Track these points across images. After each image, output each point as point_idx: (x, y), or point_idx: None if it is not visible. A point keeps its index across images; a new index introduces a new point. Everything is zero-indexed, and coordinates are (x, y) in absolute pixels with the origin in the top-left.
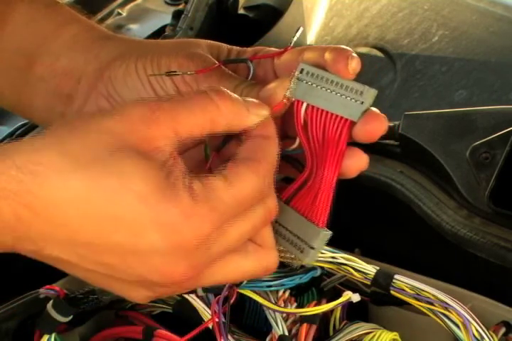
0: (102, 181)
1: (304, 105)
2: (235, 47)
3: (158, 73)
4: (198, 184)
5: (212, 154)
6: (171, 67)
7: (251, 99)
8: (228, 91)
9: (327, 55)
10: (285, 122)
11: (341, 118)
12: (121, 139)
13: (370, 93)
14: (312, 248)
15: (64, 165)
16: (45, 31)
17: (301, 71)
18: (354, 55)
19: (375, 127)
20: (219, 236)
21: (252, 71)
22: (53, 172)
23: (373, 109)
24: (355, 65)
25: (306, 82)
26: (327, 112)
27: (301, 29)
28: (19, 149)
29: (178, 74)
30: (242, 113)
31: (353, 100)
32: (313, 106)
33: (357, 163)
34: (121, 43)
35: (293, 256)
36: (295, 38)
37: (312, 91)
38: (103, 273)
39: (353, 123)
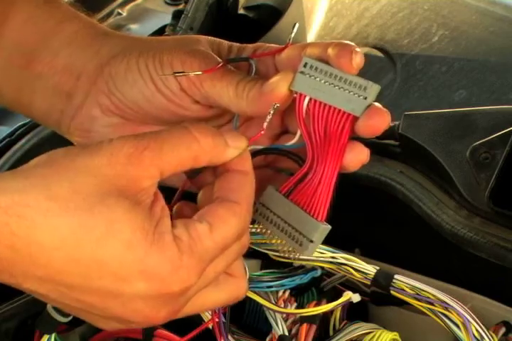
0: (90, 227)
1: (307, 99)
2: (235, 43)
3: (166, 73)
4: (185, 234)
5: (184, 182)
6: (173, 63)
7: (229, 133)
8: (208, 127)
9: (330, 50)
10: (285, 117)
11: (344, 112)
12: (109, 182)
13: (374, 88)
14: (311, 241)
15: (52, 209)
16: (44, 28)
17: (305, 65)
18: (358, 49)
19: (378, 122)
20: (200, 280)
21: (253, 69)
22: (40, 216)
23: (376, 104)
24: (359, 60)
25: (310, 76)
26: (330, 106)
27: (297, 25)
28: (4, 189)
29: (185, 75)
30: (222, 148)
31: (356, 95)
32: (315, 100)
33: (358, 156)
34: (123, 40)
35: (290, 249)
36: (293, 34)
37: (315, 85)
38: (80, 309)
39: (355, 118)
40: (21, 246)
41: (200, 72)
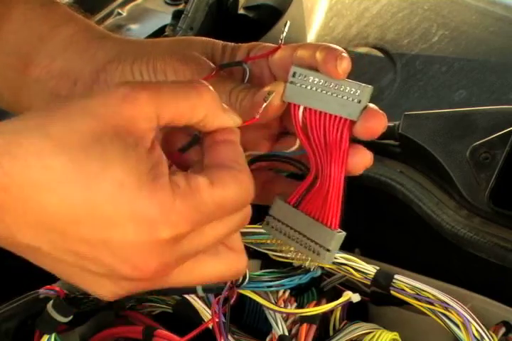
0: (84, 166)
1: (301, 108)
2: (229, 43)
3: (161, 79)
4: (183, 181)
5: (175, 154)
6: (166, 71)
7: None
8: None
9: (318, 55)
10: (284, 117)
11: (340, 118)
12: (104, 121)
13: (367, 90)
14: (328, 250)
15: (45, 148)
16: (40, 31)
17: (294, 74)
18: (344, 54)
19: (376, 124)
20: (196, 236)
21: (247, 73)
22: (33, 155)
23: (372, 105)
24: (345, 66)
25: (300, 85)
26: (325, 113)
27: (288, 24)
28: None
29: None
30: (220, 109)
31: (349, 99)
32: (310, 109)
33: (362, 160)
34: (118, 44)
35: (309, 259)
36: (284, 33)
37: (307, 94)
38: (72, 264)
39: (352, 122)
40: (14, 187)
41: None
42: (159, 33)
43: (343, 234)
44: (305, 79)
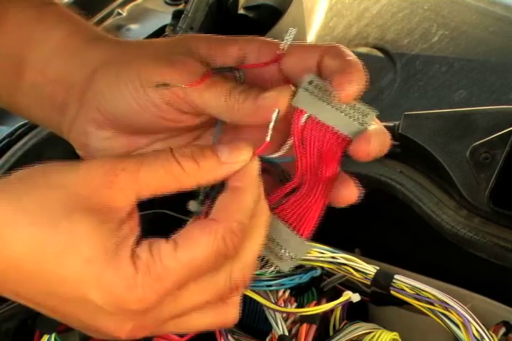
0: (53, 241)
1: (306, 115)
2: (214, 39)
3: (147, 86)
4: (145, 252)
5: (206, 203)
6: (153, 77)
7: (226, 147)
8: (194, 148)
9: (335, 77)
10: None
11: (341, 134)
12: (79, 200)
13: (372, 116)
14: (292, 258)
15: (19, 222)
16: (33, 35)
17: (310, 82)
18: (358, 79)
19: (366, 147)
20: (171, 301)
21: (242, 79)
22: (7, 228)
23: (371, 129)
24: (356, 90)
25: (311, 93)
26: (327, 126)
27: (294, 31)
28: None
29: (167, 88)
30: (211, 167)
31: (355, 119)
32: (314, 119)
33: (348, 194)
34: (105, 49)
35: (269, 262)
36: (288, 42)
37: (316, 104)
38: (62, 318)
39: (350, 141)
40: None
41: (182, 85)
42: (159, 33)
43: (311, 246)
44: (318, 89)
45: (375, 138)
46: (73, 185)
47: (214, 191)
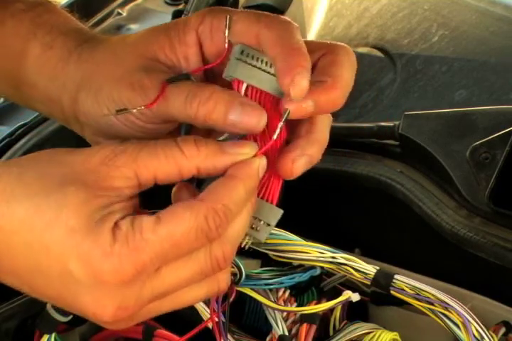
0: (43, 211)
1: (244, 85)
2: (181, 20)
3: (109, 113)
4: (126, 224)
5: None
6: (123, 100)
7: (233, 141)
8: (197, 137)
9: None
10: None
11: (278, 98)
12: (76, 175)
13: None
14: (268, 225)
15: (16, 194)
16: (15, 49)
17: (241, 52)
18: (306, 68)
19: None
20: (151, 278)
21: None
22: (3, 201)
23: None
24: (307, 83)
25: (245, 63)
26: (267, 93)
27: (228, 17)
28: None
29: (128, 112)
30: (214, 155)
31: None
32: (253, 87)
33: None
34: (80, 67)
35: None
36: (227, 32)
37: (252, 72)
38: (50, 300)
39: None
40: None
41: (141, 108)
42: None
43: (282, 210)
44: (251, 57)
45: (299, 157)
46: (73, 162)
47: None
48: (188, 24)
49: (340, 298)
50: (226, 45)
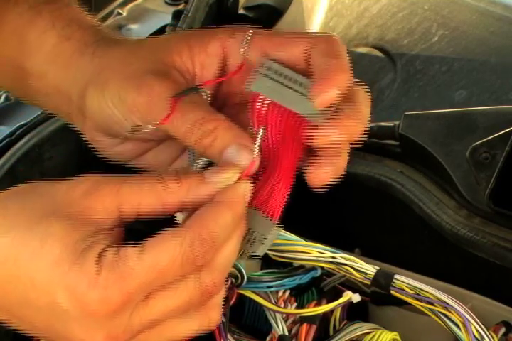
0: (27, 242)
1: (265, 100)
2: (207, 33)
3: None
4: (111, 252)
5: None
6: (127, 101)
7: (215, 167)
8: (180, 169)
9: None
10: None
11: (299, 116)
12: (59, 207)
13: None
14: (262, 242)
15: (1, 225)
16: (29, 39)
17: (263, 66)
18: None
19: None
20: (140, 307)
21: (208, 97)
22: None
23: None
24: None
25: (267, 77)
26: (285, 109)
27: (251, 33)
28: None
29: (141, 130)
30: (196, 187)
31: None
32: (274, 103)
33: (317, 175)
34: (92, 61)
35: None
36: (245, 46)
37: (272, 87)
38: (36, 333)
39: (309, 122)
40: None
41: (154, 127)
42: (159, 32)
43: (279, 229)
44: (274, 72)
45: (327, 165)
46: (56, 193)
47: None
48: (214, 35)
49: (341, 300)
50: (243, 58)
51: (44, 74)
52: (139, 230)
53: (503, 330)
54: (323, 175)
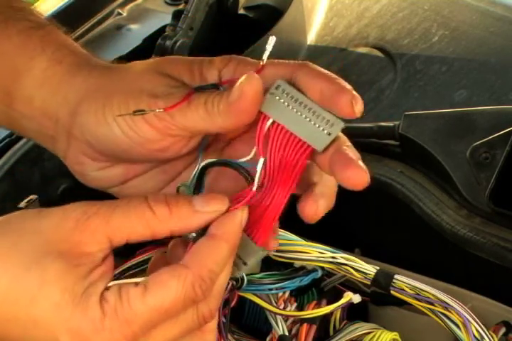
0: (25, 286)
1: (270, 121)
2: (196, 60)
3: (126, 113)
4: (113, 296)
5: (190, 244)
6: (139, 106)
7: (202, 197)
8: (169, 194)
9: (326, 89)
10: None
11: (304, 143)
12: (51, 244)
13: (340, 126)
14: (245, 264)
15: None
16: (17, 64)
17: (277, 87)
18: (355, 94)
19: (352, 176)
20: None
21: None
22: None
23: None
24: (360, 107)
25: (279, 99)
26: (291, 134)
27: (274, 39)
28: None
29: (146, 113)
30: (184, 214)
31: (321, 129)
32: (278, 125)
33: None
34: (87, 80)
35: None
36: (268, 52)
37: (283, 110)
38: None
39: (314, 151)
40: None
41: (161, 109)
42: (159, 33)
43: (265, 253)
44: (286, 95)
45: (321, 199)
46: (46, 229)
47: (196, 236)
48: (212, 63)
49: (342, 301)
50: (262, 61)
51: (31, 99)
52: None
53: (503, 330)
54: (317, 208)
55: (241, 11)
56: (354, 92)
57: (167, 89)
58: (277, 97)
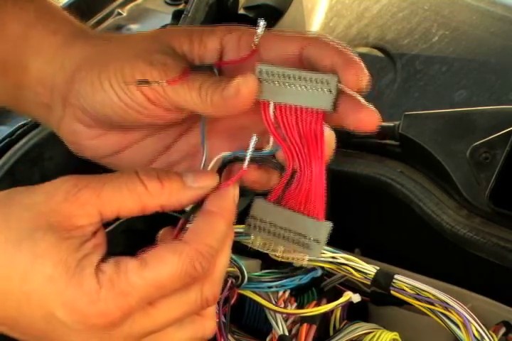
0: (17, 261)
1: (272, 105)
2: (196, 30)
3: (130, 83)
4: (110, 268)
5: (181, 222)
6: (134, 76)
7: (194, 172)
8: (159, 170)
9: (336, 60)
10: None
11: (312, 110)
12: (42, 218)
13: (335, 80)
14: (318, 242)
15: None
16: (13, 34)
17: (260, 72)
18: (363, 68)
19: (367, 115)
20: (141, 317)
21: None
22: None
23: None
24: (366, 80)
25: (268, 83)
26: (296, 108)
27: (263, 22)
28: None
29: (149, 85)
30: (177, 191)
31: (320, 90)
32: (280, 105)
33: (364, 118)
34: (85, 48)
35: (295, 256)
36: (259, 34)
37: (276, 90)
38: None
39: (326, 113)
40: None
41: (163, 82)
42: None
43: (330, 224)
44: (272, 75)
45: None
46: (35, 203)
47: (190, 211)
48: (214, 31)
49: (341, 300)
50: (253, 45)
51: (27, 67)
52: (139, 230)
53: (503, 330)
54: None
55: (241, 11)
56: (361, 65)
57: (163, 57)
58: (266, 81)
